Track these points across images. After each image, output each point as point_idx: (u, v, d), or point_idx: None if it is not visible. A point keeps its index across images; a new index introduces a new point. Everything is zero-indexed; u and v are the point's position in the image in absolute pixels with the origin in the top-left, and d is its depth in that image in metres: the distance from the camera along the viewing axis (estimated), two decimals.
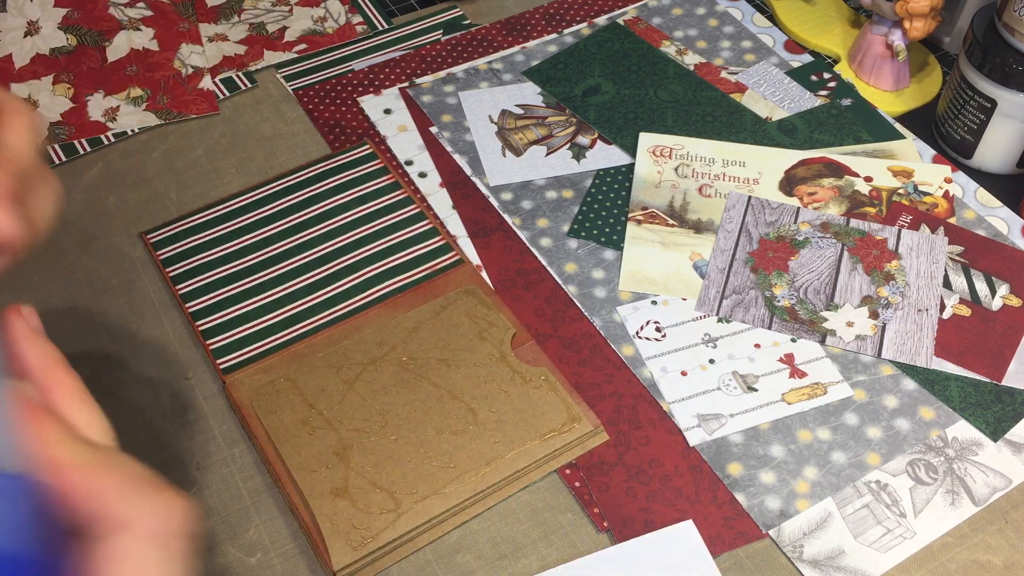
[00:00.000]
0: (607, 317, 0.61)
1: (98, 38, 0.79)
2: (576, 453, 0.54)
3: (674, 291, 0.62)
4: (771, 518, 0.52)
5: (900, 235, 0.64)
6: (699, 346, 0.59)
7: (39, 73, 0.76)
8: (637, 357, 0.59)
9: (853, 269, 0.62)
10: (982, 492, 0.53)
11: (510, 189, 0.68)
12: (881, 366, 0.58)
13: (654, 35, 0.79)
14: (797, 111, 0.73)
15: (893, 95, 0.75)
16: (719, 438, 0.55)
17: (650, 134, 0.71)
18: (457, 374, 0.57)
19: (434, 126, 0.72)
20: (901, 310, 0.60)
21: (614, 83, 0.75)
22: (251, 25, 0.81)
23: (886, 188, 0.67)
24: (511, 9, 0.82)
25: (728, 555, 0.51)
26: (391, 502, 0.51)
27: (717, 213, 0.66)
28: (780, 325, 0.60)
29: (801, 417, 0.56)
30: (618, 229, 0.65)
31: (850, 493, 0.53)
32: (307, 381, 0.56)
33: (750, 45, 0.78)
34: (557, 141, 0.71)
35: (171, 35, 0.79)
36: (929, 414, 0.56)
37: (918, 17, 0.71)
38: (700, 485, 0.53)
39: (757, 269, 0.62)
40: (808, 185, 0.68)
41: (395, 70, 0.77)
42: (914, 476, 0.54)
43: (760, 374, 0.58)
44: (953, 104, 0.70)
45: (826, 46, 0.79)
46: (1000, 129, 0.68)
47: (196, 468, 0.54)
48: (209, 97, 0.75)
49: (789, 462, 0.54)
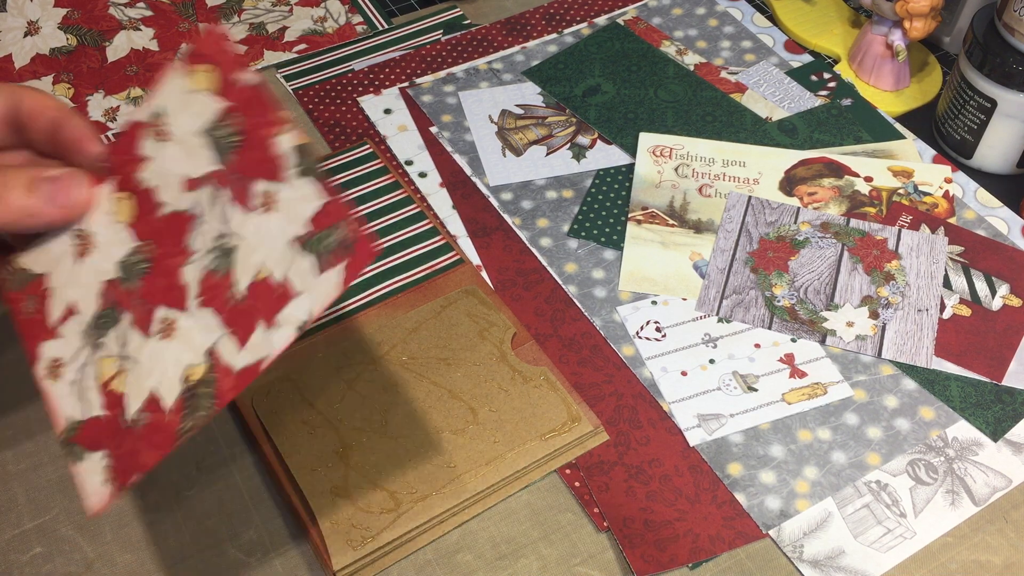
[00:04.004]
0: (607, 317, 0.61)
1: (98, 38, 0.79)
2: (576, 453, 0.54)
3: (674, 291, 0.62)
4: (771, 518, 0.52)
5: (900, 235, 0.64)
6: (699, 346, 0.59)
7: (39, 73, 0.76)
8: (637, 357, 0.59)
9: (853, 269, 0.62)
10: (982, 492, 0.53)
11: (510, 189, 0.68)
12: (881, 366, 0.58)
13: (654, 35, 0.79)
14: (797, 111, 0.73)
15: (893, 95, 0.76)
16: (719, 438, 0.55)
17: (650, 134, 0.71)
18: (457, 374, 0.57)
19: (434, 126, 0.72)
20: (901, 310, 0.60)
21: (614, 83, 0.75)
22: (251, 25, 0.81)
23: (886, 188, 0.67)
24: (511, 9, 0.82)
25: (728, 555, 0.51)
26: (391, 502, 0.51)
27: (717, 213, 0.66)
28: (780, 325, 0.60)
29: (801, 417, 0.56)
30: (618, 229, 0.65)
31: (850, 493, 0.53)
32: (307, 381, 0.56)
33: (750, 45, 0.78)
34: (557, 141, 0.71)
35: (171, 35, 0.79)
36: (929, 414, 0.56)
37: (918, 17, 0.71)
38: (700, 485, 0.53)
39: (757, 269, 0.62)
40: (808, 185, 0.68)
41: (395, 70, 0.77)
42: (914, 476, 0.54)
43: (760, 374, 0.58)
44: (953, 104, 0.70)
45: (826, 46, 0.79)
46: (1000, 129, 0.68)
47: (196, 468, 0.54)
48: None
49: (789, 462, 0.54)
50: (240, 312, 0.40)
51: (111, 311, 0.43)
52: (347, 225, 0.38)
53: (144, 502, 0.52)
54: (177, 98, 0.43)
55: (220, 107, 0.41)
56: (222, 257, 0.41)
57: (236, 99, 0.41)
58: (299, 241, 0.39)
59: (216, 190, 0.41)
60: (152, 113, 0.43)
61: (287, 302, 0.39)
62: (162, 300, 0.42)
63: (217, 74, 0.41)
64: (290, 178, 0.39)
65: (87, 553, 0.50)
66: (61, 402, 0.43)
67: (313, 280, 0.38)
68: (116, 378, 0.42)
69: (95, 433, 0.42)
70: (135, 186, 0.43)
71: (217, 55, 0.41)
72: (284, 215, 0.39)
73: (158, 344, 0.41)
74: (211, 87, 0.41)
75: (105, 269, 0.43)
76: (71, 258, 0.44)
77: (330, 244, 0.38)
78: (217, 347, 0.40)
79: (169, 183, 0.43)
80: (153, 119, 0.43)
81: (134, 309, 0.42)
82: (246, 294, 0.40)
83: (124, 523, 0.52)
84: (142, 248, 0.43)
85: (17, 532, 0.51)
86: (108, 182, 0.44)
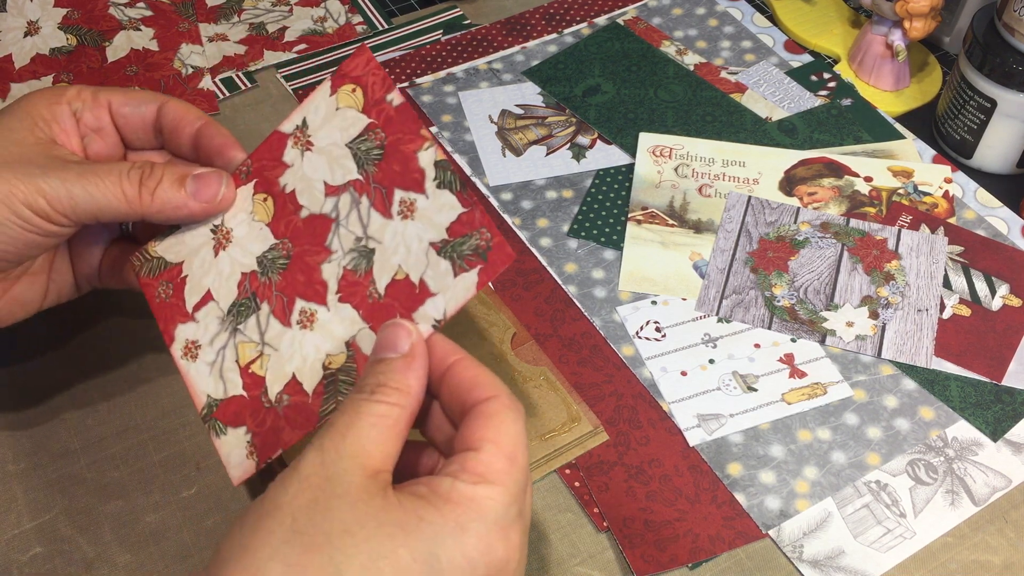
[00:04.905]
0: (607, 317, 0.61)
1: (98, 38, 0.79)
2: (576, 453, 0.54)
3: (674, 291, 0.62)
4: (771, 518, 0.52)
5: (900, 235, 0.64)
6: (699, 346, 0.59)
7: (39, 73, 0.76)
8: (637, 357, 0.59)
9: (853, 269, 0.62)
10: (982, 492, 0.53)
11: (510, 189, 0.68)
12: (881, 366, 0.58)
13: (654, 35, 0.79)
14: (797, 111, 0.73)
15: (893, 95, 0.76)
16: (719, 438, 0.55)
17: (650, 134, 0.71)
18: None
19: (434, 126, 0.72)
20: (901, 310, 0.60)
21: (614, 83, 0.75)
22: (251, 25, 0.81)
23: (886, 188, 0.67)
24: (511, 9, 0.82)
25: (728, 555, 0.51)
26: None
27: (717, 213, 0.66)
28: (780, 325, 0.60)
29: (801, 417, 0.56)
30: (618, 229, 0.65)
31: (850, 493, 0.53)
32: None
33: (750, 45, 0.78)
34: (557, 141, 0.71)
35: (171, 35, 0.79)
36: (929, 414, 0.56)
37: (918, 17, 0.71)
38: (700, 485, 0.53)
39: (757, 269, 0.62)
40: (808, 185, 0.68)
41: (395, 70, 0.77)
42: (914, 476, 0.54)
43: (760, 374, 0.58)
44: (953, 104, 0.70)
45: (826, 46, 0.79)
46: (1000, 129, 0.68)
47: (196, 468, 0.54)
48: (209, 97, 0.75)
49: (789, 462, 0.54)
50: (378, 308, 0.44)
51: (250, 300, 0.47)
52: (482, 234, 0.41)
53: (144, 502, 0.52)
54: (323, 113, 0.46)
55: (364, 123, 0.45)
56: (361, 258, 0.44)
57: (380, 117, 0.44)
58: (435, 247, 0.42)
59: (356, 197, 0.45)
60: (296, 125, 0.47)
61: (423, 301, 0.42)
62: (301, 294, 0.46)
63: (362, 94, 0.45)
64: (429, 189, 0.42)
65: (87, 553, 0.50)
66: (199, 381, 0.48)
67: (449, 282, 0.42)
68: (256, 361, 0.46)
69: (237, 411, 0.46)
70: (275, 189, 0.48)
71: (364, 76, 0.45)
72: (422, 223, 0.42)
73: (298, 333, 0.45)
74: (356, 106, 0.45)
75: (243, 262, 0.48)
76: (209, 250, 0.49)
77: (465, 251, 0.41)
78: (356, 339, 0.44)
79: (310, 188, 0.47)
80: (297, 130, 0.47)
81: (273, 300, 0.47)
82: (384, 293, 0.43)
83: (124, 523, 0.52)
84: (280, 246, 0.47)
85: (17, 532, 0.51)
86: (248, 184, 0.49)
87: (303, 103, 0.47)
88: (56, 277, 0.52)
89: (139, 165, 0.47)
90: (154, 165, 0.47)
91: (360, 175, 0.45)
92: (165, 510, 0.52)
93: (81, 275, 0.53)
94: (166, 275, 0.50)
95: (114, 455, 0.54)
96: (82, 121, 0.51)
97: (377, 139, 0.44)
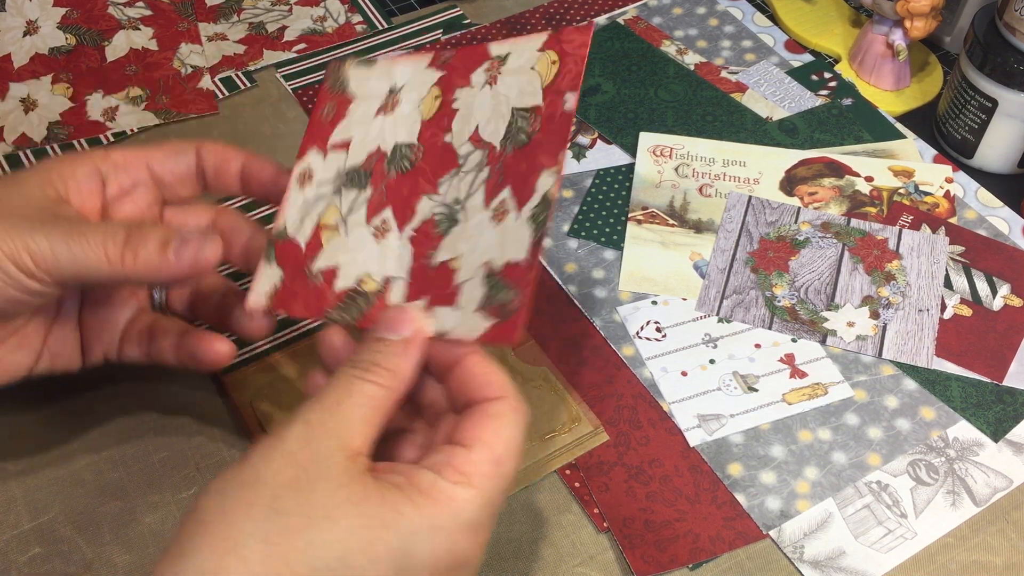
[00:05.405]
0: (607, 317, 0.60)
1: (97, 37, 0.78)
2: (576, 453, 0.54)
3: (674, 291, 0.62)
4: (771, 518, 0.52)
5: (901, 235, 0.64)
6: (699, 346, 0.59)
7: (38, 72, 0.76)
8: (637, 357, 0.58)
9: (854, 269, 0.62)
10: (983, 492, 0.53)
11: None
12: (882, 366, 0.58)
13: (654, 35, 0.79)
14: (797, 111, 0.73)
15: (894, 95, 0.75)
16: (719, 438, 0.55)
17: (650, 134, 0.71)
18: None
19: None
20: (902, 310, 0.60)
21: (614, 83, 0.75)
22: (250, 24, 0.81)
23: (887, 188, 0.67)
24: (511, 9, 0.82)
25: (728, 555, 0.51)
26: None
27: (717, 213, 0.66)
28: (780, 325, 0.60)
29: (801, 417, 0.56)
30: (618, 229, 0.65)
31: (851, 494, 0.53)
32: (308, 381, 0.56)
33: (750, 45, 0.78)
34: None
35: (170, 35, 0.79)
36: (930, 414, 0.56)
37: (919, 16, 0.71)
38: (700, 485, 0.53)
39: (757, 269, 0.62)
40: (809, 185, 0.67)
41: None
42: (915, 476, 0.54)
43: (760, 374, 0.58)
44: (954, 104, 0.70)
45: (826, 46, 0.79)
46: (1001, 129, 0.68)
47: (196, 468, 0.54)
48: (208, 97, 0.75)
49: (789, 462, 0.54)
50: (423, 275, 0.43)
51: (365, 176, 0.46)
52: (518, 297, 0.39)
53: (144, 502, 0.52)
54: (522, 61, 0.44)
55: (535, 103, 0.43)
56: (446, 219, 0.43)
57: (548, 108, 0.42)
58: (488, 268, 0.41)
59: (482, 162, 0.43)
60: (499, 55, 0.45)
61: (448, 304, 0.41)
62: (393, 204, 0.45)
63: (555, 72, 0.43)
64: (524, 213, 0.41)
65: (86, 553, 0.50)
66: (289, 209, 0.47)
67: (469, 311, 0.40)
68: (326, 230, 0.46)
69: (288, 255, 0.46)
70: (448, 96, 0.46)
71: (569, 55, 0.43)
72: (497, 240, 0.41)
73: (367, 237, 0.45)
74: (544, 78, 0.43)
75: (385, 139, 0.46)
76: (376, 106, 0.47)
77: (497, 298, 0.40)
78: (392, 284, 0.43)
79: (466, 122, 0.45)
80: (497, 60, 0.45)
81: (376, 192, 0.46)
82: (435, 267, 0.43)
83: (124, 523, 0.51)
84: (416, 149, 0.45)
85: (15, 533, 0.51)
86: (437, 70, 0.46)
87: (519, 38, 0.45)
88: (53, 344, 0.50)
89: (126, 226, 0.45)
90: (141, 226, 0.45)
91: (500, 146, 0.43)
92: (165, 510, 0.52)
93: (94, 345, 0.51)
94: (341, 99, 0.48)
95: (113, 455, 0.54)
96: (112, 183, 0.49)
97: (532, 127, 0.42)
